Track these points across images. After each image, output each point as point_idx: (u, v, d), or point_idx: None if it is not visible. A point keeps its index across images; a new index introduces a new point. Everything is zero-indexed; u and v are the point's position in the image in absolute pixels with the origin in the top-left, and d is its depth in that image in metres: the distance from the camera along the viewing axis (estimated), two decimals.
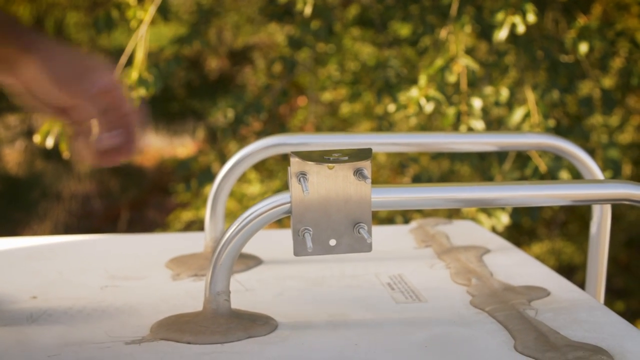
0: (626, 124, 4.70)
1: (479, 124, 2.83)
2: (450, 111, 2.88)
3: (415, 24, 3.47)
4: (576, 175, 2.93)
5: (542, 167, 2.95)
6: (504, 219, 3.04)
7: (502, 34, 2.84)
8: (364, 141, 1.67)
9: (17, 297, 1.41)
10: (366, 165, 1.18)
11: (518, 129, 2.97)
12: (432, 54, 3.24)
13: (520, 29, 2.80)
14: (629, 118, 4.81)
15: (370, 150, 1.22)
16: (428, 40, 3.40)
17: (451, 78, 2.86)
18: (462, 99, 2.90)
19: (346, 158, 1.18)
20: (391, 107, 3.01)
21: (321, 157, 1.19)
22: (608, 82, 4.01)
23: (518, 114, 2.97)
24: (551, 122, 3.00)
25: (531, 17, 2.81)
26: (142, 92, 2.89)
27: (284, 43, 3.76)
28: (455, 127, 2.89)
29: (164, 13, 3.08)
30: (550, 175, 2.95)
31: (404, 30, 3.73)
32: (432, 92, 2.81)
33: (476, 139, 1.71)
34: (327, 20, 3.40)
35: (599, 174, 1.65)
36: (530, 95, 3.01)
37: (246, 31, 5.64)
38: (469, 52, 3.13)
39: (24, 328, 1.26)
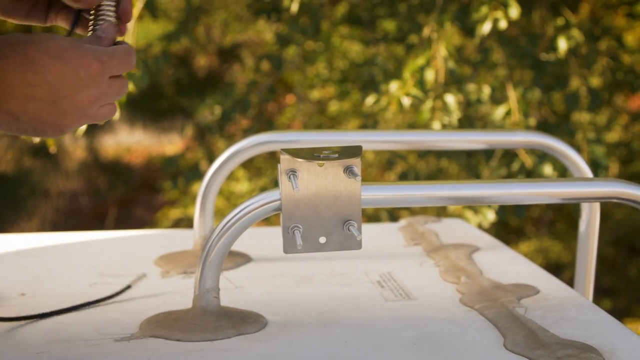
0: (614, 123, 4.72)
1: (452, 119, 2.83)
2: (427, 105, 2.88)
3: (401, 21, 3.48)
4: (561, 171, 2.93)
5: (529, 163, 2.96)
6: (490, 216, 3.04)
7: (485, 28, 2.83)
8: (354, 139, 1.67)
9: (5, 295, 1.41)
10: (356, 163, 1.18)
11: (499, 126, 2.97)
12: (419, 51, 3.24)
13: (502, 24, 2.80)
14: (617, 117, 4.83)
15: (360, 147, 1.22)
16: (415, 37, 3.40)
17: (430, 76, 2.85)
18: (437, 95, 2.90)
19: (336, 155, 1.18)
20: (369, 100, 3.00)
21: (311, 154, 1.19)
22: (595, 81, 4.02)
23: (499, 111, 2.97)
24: (532, 121, 3.01)
25: (514, 12, 2.80)
26: (129, 87, 2.88)
27: (273, 41, 3.76)
28: (427, 123, 2.88)
29: (152, 10, 3.07)
30: (535, 171, 2.95)
31: (391, 26, 3.74)
32: (413, 90, 2.81)
33: (465, 137, 1.71)
34: (315, 18, 3.40)
35: (588, 172, 1.65)
36: (512, 94, 3.02)
37: (234, 29, 5.63)
38: (456, 51, 3.13)
39: (12, 326, 1.26)
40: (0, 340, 1.20)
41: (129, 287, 1.46)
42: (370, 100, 3.01)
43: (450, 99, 2.86)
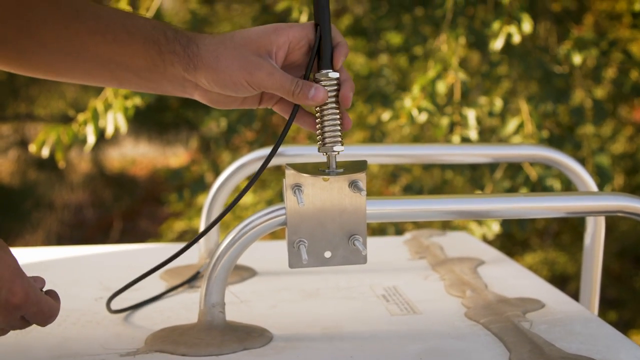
0: (618, 135, 4.71)
1: (472, 134, 2.83)
2: (444, 122, 2.88)
3: (407, 33, 3.48)
4: (566, 184, 2.93)
5: (533, 176, 2.95)
6: (495, 228, 3.04)
7: (498, 44, 2.83)
8: (358, 152, 1.67)
9: None
10: (361, 178, 1.18)
11: (511, 139, 2.97)
12: (424, 63, 3.24)
13: (516, 38, 2.80)
14: (621, 128, 4.83)
15: (365, 162, 1.22)
16: (420, 49, 3.40)
17: (442, 89, 2.86)
18: (455, 110, 2.90)
19: (341, 170, 1.18)
20: (385, 116, 3.01)
21: (316, 169, 1.19)
22: (600, 92, 4.02)
23: (512, 124, 2.97)
24: (545, 133, 3.01)
25: (527, 27, 2.81)
26: (137, 100, 2.89)
27: None
28: (447, 137, 2.89)
29: None
30: (541, 185, 2.95)
31: (396, 39, 3.74)
32: (424, 103, 2.82)
33: (470, 151, 1.71)
34: None
35: (592, 185, 1.65)
36: (524, 106, 3.02)
37: None
38: (462, 62, 3.14)
39: (18, 340, 1.26)
40: (6, 356, 1.20)
41: (198, 273, 1.55)
42: (386, 116, 3.01)
43: (472, 114, 2.87)
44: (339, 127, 1.19)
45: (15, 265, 1.04)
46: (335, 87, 1.20)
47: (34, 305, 1.06)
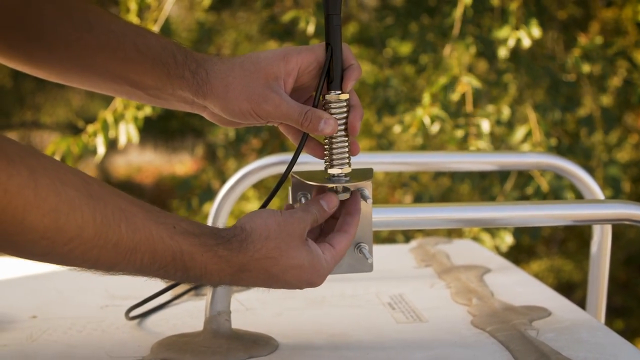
0: (624, 142, 4.71)
1: (485, 145, 2.83)
2: (458, 134, 2.88)
3: (415, 42, 3.48)
4: (578, 194, 2.93)
5: (544, 186, 2.95)
6: (508, 239, 3.02)
7: (506, 50, 2.84)
8: (365, 160, 1.66)
9: (16, 317, 1.41)
10: (367, 186, 1.18)
11: (520, 147, 2.97)
12: (432, 72, 3.24)
13: (526, 42, 2.80)
14: (627, 136, 4.82)
15: (371, 170, 1.21)
16: (427, 58, 3.40)
17: (454, 96, 2.86)
18: (468, 121, 2.90)
19: (347, 178, 1.18)
20: (397, 128, 3.01)
21: (322, 177, 1.18)
22: (606, 100, 4.02)
23: (520, 132, 2.97)
24: (553, 141, 3.00)
25: (536, 32, 2.81)
26: (148, 111, 2.90)
27: None
28: (461, 147, 2.89)
29: (166, 32, 3.08)
30: (553, 195, 2.94)
31: (403, 48, 3.74)
32: (436, 110, 2.82)
33: (477, 159, 1.71)
34: None
35: (599, 193, 1.65)
36: (532, 114, 3.01)
37: (245, 49, 5.65)
38: (469, 71, 3.14)
39: (23, 348, 1.26)
40: None
41: None
42: (397, 128, 3.01)
43: (486, 124, 2.87)
44: (347, 150, 1.18)
45: (311, 261, 1.10)
46: (345, 110, 1.17)
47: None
